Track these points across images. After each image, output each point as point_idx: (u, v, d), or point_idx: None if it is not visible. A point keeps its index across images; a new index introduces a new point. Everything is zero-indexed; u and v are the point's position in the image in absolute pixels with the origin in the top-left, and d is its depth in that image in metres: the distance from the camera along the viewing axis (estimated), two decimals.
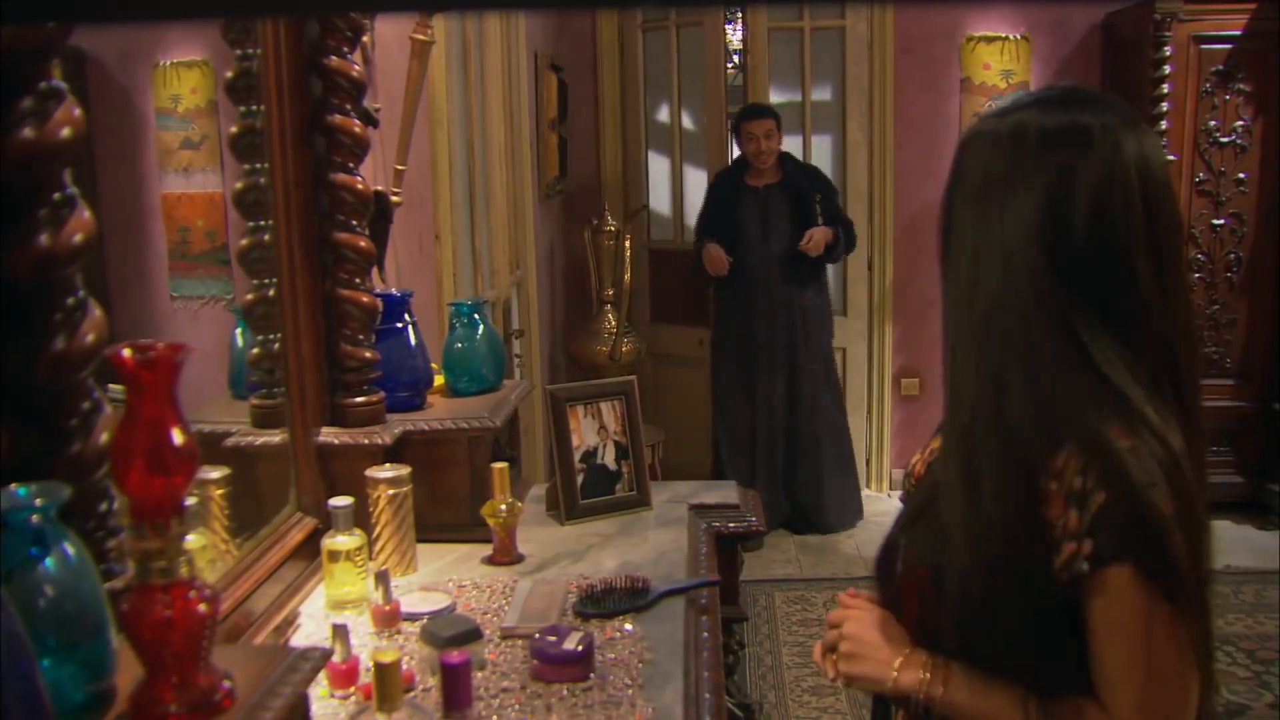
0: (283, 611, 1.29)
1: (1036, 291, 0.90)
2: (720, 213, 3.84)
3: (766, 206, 3.80)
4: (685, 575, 1.46)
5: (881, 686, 1.01)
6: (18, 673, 0.63)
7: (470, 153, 2.76)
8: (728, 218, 3.81)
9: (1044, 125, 0.92)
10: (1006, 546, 0.90)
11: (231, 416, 1.37)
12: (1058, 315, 0.90)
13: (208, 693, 0.76)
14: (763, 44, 4.21)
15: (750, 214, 3.80)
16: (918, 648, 1.01)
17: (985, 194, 0.94)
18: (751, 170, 3.83)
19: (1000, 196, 0.93)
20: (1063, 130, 0.92)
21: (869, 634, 1.03)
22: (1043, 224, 0.91)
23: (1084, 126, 0.91)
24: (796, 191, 3.78)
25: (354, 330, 1.53)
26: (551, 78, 3.89)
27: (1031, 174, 0.92)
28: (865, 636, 1.03)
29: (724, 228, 3.79)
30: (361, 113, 1.52)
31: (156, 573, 0.74)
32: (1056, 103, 0.94)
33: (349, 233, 1.51)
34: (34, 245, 0.81)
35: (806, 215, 3.74)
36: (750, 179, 3.84)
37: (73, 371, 0.84)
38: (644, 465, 1.74)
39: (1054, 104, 0.94)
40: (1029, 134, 0.92)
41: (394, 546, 1.44)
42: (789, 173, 3.84)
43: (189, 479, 0.75)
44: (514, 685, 1.16)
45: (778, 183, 3.81)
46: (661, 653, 1.23)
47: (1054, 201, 0.91)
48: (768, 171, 3.81)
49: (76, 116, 0.83)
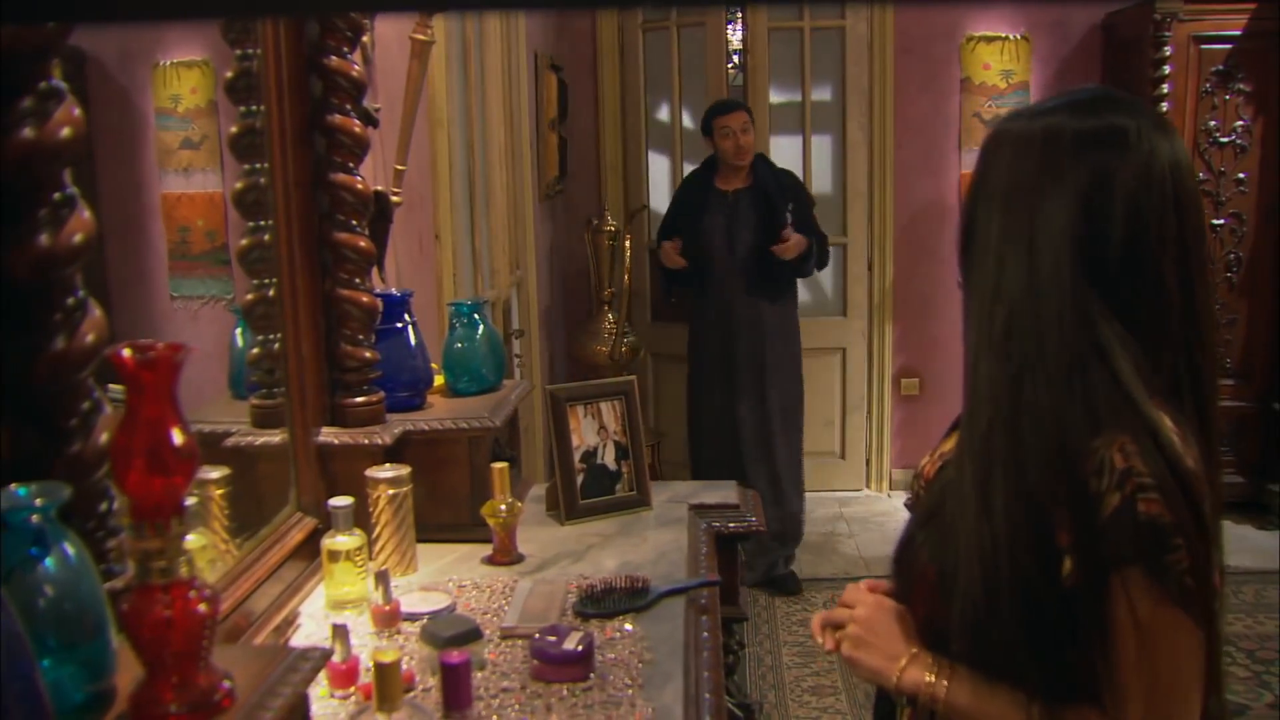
0: (283, 611, 1.29)
1: (1062, 293, 0.90)
2: (685, 216, 3.60)
3: (734, 212, 3.52)
4: (685, 575, 1.46)
5: (884, 680, 1.01)
6: (18, 673, 0.62)
7: (470, 153, 2.76)
8: (693, 223, 3.55)
9: (1080, 128, 0.92)
10: (1015, 550, 0.90)
11: (231, 416, 1.37)
12: (1082, 319, 0.90)
13: (208, 693, 0.76)
14: (763, 44, 4.21)
15: (716, 220, 3.53)
16: (925, 649, 1.00)
17: (1013, 195, 0.93)
18: (722, 172, 3.57)
19: (1031, 198, 0.92)
20: (1099, 132, 0.91)
21: (883, 625, 1.03)
22: (1075, 226, 0.90)
23: (1120, 129, 0.91)
24: (767, 198, 3.49)
25: (354, 330, 1.53)
26: (552, 77, 3.89)
27: (1066, 176, 0.91)
28: (878, 627, 1.03)
29: (688, 233, 3.55)
30: (361, 113, 1.52)
31: (156, 573, 0.74)
32: (1088, 105, 0.94)
33: (349, 233, 1.51)
34: (34, 245, 0.81)
35: (776, 224, 3.45)
36: (720, 182, 3.57)
37: (73, 371, 0.84)
38: (644, 465, 1.74)
39: (1086, 106, 0.94)
40: (1064, 136, 0.92)
41: (394, 546, 1.44)
42: (761, 177, 3.54)
43: (189, 479, 0.75)
44: (514, 685, 1.16)
45: (748, 187, 3.52)
46: (661, 653, 1.23)
47: (1088, 204, 0.90)
48: (739, 174, 3.54)
49: (76, 116, 0.83)
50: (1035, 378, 0.91)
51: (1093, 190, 0.90)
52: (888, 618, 1.03)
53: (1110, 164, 0.90)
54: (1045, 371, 0.90)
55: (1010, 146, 0.95)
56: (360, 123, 1.51)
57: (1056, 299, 0.90)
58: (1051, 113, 0.94)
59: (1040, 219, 0.91)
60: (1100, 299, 0.90)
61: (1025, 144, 0.93)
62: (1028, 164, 0.93)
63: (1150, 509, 0.86)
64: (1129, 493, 0.86)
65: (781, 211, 3.45)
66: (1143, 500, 0.86)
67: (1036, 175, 0.92)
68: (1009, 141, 0.95)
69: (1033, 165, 0.93)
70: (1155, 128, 0.92)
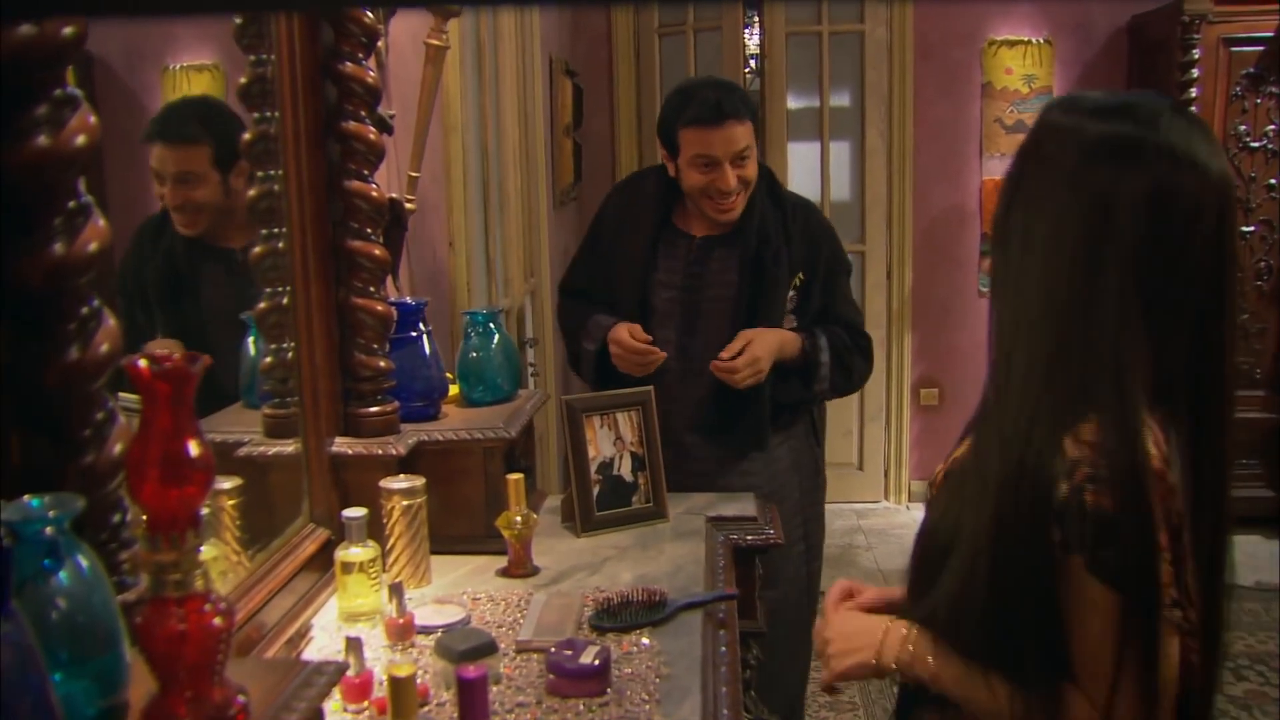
0: (295, 624, 1.28)
1: (1073, 286, 0.92)
2: (616, 271, 2.01)
3: (703, 275, 1.97)
4: (703, 588, 1.44)
5: (873, 669, 1.04)
6: (30, 686, 0.62)
7: (484, 159, 2.75)
8: (632, 284, 1.97)
9: (1118, 132, 0.93)
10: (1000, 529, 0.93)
11: (243, 426, 1.37)
12: (1087, 309, 0.92)
13: (222, 708, 0.75)
14: (780, 48, 4.20)
15: (671, 285, 1.98)
16: (894, 622, 1.04)
17: (1041, 188, 0.96)
18: (687, 206, 1.99)
19: (1055, 193, 0.94)
20: (1134, 139, 0.93)
21: (848, 625, 1.08)
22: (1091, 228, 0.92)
23: (1164, 141, 0.92)
24: (760, 260, 1.94)
25: (368, 339, 1.52)
26: (566, 83, 3.89)
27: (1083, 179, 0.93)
28: (845, 629, 1.08)
29: (623, 303, 1.98)
30: (376, 119, 1.52)
31: (171, 585, 0.73)
32: (1130, 108, 0.95)
33: (363, 241, 1.50)
34: (48, 254, 0.80)
35: (767, 304, 1.93)
36: (681, 217, 2.01)
37: (86, 381, 0.83)
38: (661, 477, 1.71)
39: (1129, 110, 0.95)
40: (1104, 137, 0.93)
41: (407, 558, 1.43)
42: (754, 220, 1.94)
43: (205, 491, 0.74)
44: (529, 700, 1.14)
45: (729, 233, 1.96)
46: (679, 667, 1.21)
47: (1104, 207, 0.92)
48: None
49: (92, 124, 0.82)
50: (1027, 358, 0.94)
51: (1105, 196, 0.92)
52: (851, 618, 1.09)
53: (1123, 174, 0.92)
54: (1035, 350, 0.94)
55: (1056, 138, 0.97)
56: (375, 130, 1.50)
57: (1066, 291, 0.93)
58: (1099, 110, 0.95)
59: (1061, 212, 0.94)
60: (1118, 294, 0.92)
61: (1073, 138, 0.95)
62: (1067, 158, 0.95)
63: (1095, 499, 0.89)
64: (1077, 482, 0.90)
65: (779, 291, 1.93)
66: (1089, 491, 0.89)
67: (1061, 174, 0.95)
68: (1055, 133, 0.97)
69: (1071, 161, 0.94)
70: (1204, 139, 0.93)
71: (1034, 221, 0.95)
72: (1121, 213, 0.90)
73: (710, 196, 1.91)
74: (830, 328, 1.98)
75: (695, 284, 1.96)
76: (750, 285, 1.93)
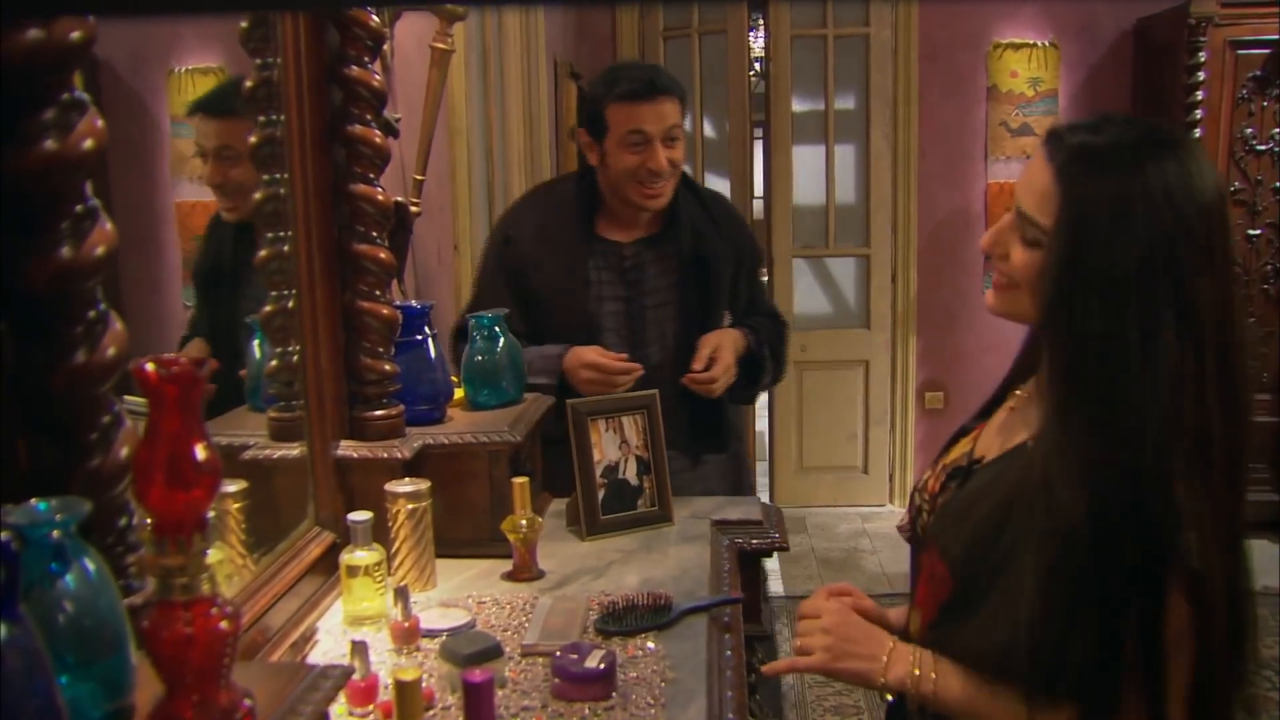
0: (300, 627, 1.28)
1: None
2: (547, 296, 1.87)
3: (641, 283, 1.90)
4: (708, 592, 1.44)
5: (868, 681, 1.03)
6: (36, 690, 0.62)
7: (489, 162, 2.76)
8: (574, 304, 1.87)
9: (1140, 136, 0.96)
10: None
11: (249, 429, 1.37)
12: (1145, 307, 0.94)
13: (228, 711, 0.75)
14: (785, 51, 4.20)
15: (614, 297, 1.90)
16: (901, 642, 1.04)
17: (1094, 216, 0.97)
18: (612, 207, 1.89)
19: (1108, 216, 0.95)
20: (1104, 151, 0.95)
21: (855, 629, 1.06)
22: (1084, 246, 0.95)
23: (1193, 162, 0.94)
24: (698, 257, 1.89)
25: (374, 343, 1.52)
26: (571, 85, 3.89)
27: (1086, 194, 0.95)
28: (850, 632, 1.06)
29: (565, 326, 1.87)
30: (382, 123, 1.52)
31: (178, 589, 0.73)
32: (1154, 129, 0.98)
33: (369, 244, 1.50)
34: (55, 258, 0.80)
35: (712, 301, 1.90)
36: (606, 227, 1.91)
37: (93, 385, 0.83)
38: (666, 480, 1.71)
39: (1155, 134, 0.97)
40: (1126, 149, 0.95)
41: (413, 562, 1.43)
42: (682, 216, 1.89)
43: (211, 495, 0.74)
44: (535, 704, 1.14)
45: (658, 235, 1.90)
46: (684, 671, 1.21)
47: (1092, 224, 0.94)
48: (644, 216, 1.89)
49: (99, 128, 0.83)
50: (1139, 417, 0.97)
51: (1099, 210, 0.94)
52: (857, 620, 1.07)
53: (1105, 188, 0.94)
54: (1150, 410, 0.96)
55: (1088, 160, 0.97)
56: (381, 133, 1.50)
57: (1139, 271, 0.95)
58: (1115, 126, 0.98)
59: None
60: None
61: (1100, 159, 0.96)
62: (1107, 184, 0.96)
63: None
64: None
65: (722, 278, 1.90)
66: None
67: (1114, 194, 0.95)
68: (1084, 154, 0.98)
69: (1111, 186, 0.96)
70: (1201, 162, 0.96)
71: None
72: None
73: (640, 180, 1.81)
74: (757, 319, 1.97)
75: (635, 293, 1.90)
76: (694, 286, 1.89)
